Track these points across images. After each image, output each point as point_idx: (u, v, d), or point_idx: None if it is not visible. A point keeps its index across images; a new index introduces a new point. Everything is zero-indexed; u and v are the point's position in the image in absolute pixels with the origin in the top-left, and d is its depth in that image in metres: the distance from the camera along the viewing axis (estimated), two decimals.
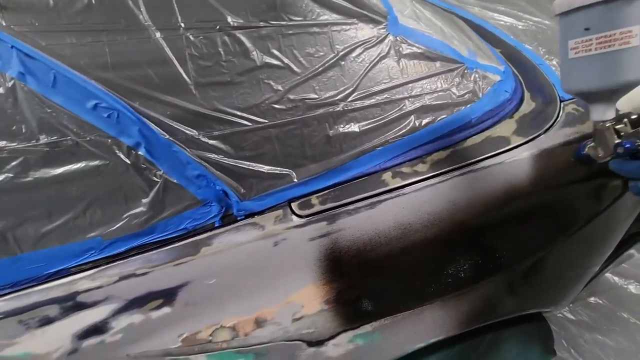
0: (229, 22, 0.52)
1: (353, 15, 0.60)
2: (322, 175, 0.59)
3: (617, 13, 0.42)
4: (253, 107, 0.54)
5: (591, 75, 0.46)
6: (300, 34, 0.56)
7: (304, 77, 0.56)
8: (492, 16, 1.10)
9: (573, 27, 0.45)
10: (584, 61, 0.45)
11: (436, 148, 0.64)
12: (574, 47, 0.46)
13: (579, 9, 0.43)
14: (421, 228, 0.62)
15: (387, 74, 0.62)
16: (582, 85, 0.48)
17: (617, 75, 0.45)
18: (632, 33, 0.43)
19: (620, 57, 0.44)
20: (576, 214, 0.72)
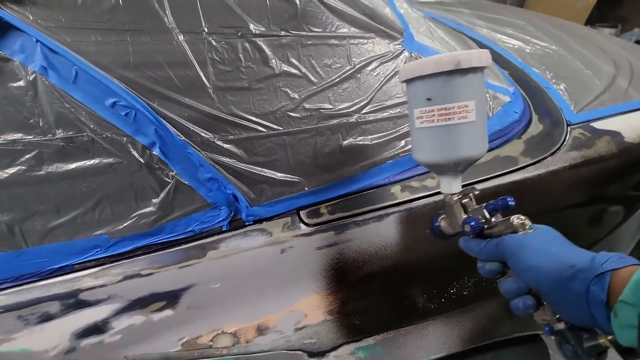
0: (250, 29, 0.52)
1: (371, 30, 0.61)
2: (332, 185, 0.59)
3: (453, 86, 0.41)
4: (269, 113, 0.54)
5: (435, 147, 0.44)
6: (319, 45, 0.57)
7: (320, 87, 0.57)
8: (501, 38, 1.12)
9: (417, 95, 0.43)
10: (428, 132, 0.44)
11: None
12: (419, 117, 0.44)
13: (421, 77, 0.42)
14: (426, 243, 0.62)
15: (401, 88, 0.63)
16: (427, 157, 0.46)
17: (456, 150, 0.43)
18: (468, 108, 0.41)
19: (460, 132, 0.42)
20: (578, 238, 0.72)
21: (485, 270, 0.44)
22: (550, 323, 0.39)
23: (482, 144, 0.44)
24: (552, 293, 0.36)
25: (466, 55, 0.40)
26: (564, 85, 0.86)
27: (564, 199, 0.70)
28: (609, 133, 0.73)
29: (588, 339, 0.36)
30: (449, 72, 0.40)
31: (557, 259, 0.36)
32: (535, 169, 0.66)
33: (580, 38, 1.13)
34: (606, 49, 1.05)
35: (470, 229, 0.44)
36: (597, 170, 0.70)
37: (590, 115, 0.77)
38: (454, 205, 0.47)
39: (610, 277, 0.33)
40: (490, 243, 0.43)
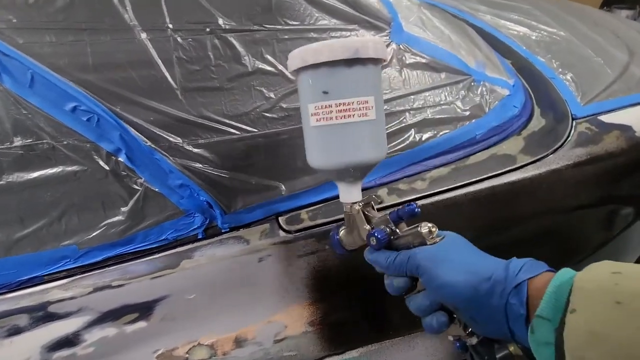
0: (220, 24, 0.49)
1: (354, 21, 0.57)
2: (313, 189, 0.56)
3: (353, 78, 0.36)
4: (243, 115, 0.51)
5: (333, 149, 0.39)
6: (296, 39, 0.53)
7: (292, 88, 0.53)
8: (505, 25, 1.06)
9: (312, 88, 0.38)
10: (325, 132, 0.38)
11: (436, 165, 0.60)
12: (314, 113, 0.38)
13: (316, 66, 0.36)
14: None
15: (388, 84, 0.58)
16: (324, 161, 0.40)
17: (357, 152, 0.39)
18: (368, 104, 0.37)
19: (360, 131, 0.38)
20: (584, 241, 0.67)
21: (394, 287, 0.40)
22: (462, 338, 0.37)
23: (383, 146, 0.41)
24: (468, 309, 0.34)
25: (363, 42, 0.36)
26: (570, 74, 0.80)
27: (567, 199, 0.65)
28: (618, 127, 0.68)
29: (499, 349, 0.34)
30: (348, 62, 0.36)
31: (472, 272, 0.34)
32: (536, 167, 0.61)
33: (592, 23, 1.05)
34: (620, 34, 0.98)
35: (376, 242, 0.40)
36: (605, 168, 0.65)
37: (599, 107, 0.71)
38: (355, 215, 0.43)
39: (527, 287, 0.31)
40: (400, 257, 0.39)
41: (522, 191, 0.61)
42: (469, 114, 0.62)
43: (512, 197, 0.62)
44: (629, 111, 0.71)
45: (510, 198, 0.62)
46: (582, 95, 0.74)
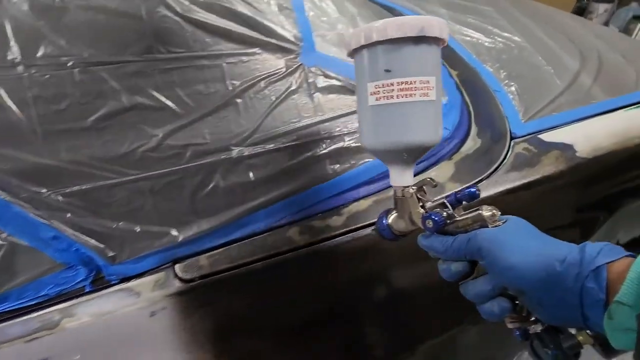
0: (85, 57, 0.43)
1: (254, 44, 0.51)
2: (213, 232, 0.50)
3: (418, 57, 0.36)
4: (120, 157, 0.45)
5: (392, 128, 0.38)
6: (183, 69, 0.47)
7: (189, 119, 0.48)
8: (460, 30, 1.00)
9: (373, 66, 0.37)
10: (383, 111, 0.38)
11: (355, 197, 0.55)
12: (374, 92, 0.37)
13: (379, 43, 0.36)
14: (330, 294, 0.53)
15: (297, 112, 0.53)
16: (380, 141, 0.39)
17: (415, 133, 0.38)
18: (430, 84, 0.36)
19: (420, 111, 0.37)
20: None
21: (451, 273, 0.38)
22: (525, 325, 0.36)
23: (440, 128, 0.40)
24: (537, 293, 0.32)
25: (429, 21, 0.35)
26: (515, 86, 0.75)
27: None
28: (559, 146, 0.63)
29: (565, 338, 0.33)
30: (415, 40, 0.35)
31: (542, 254, 0.32)
32: None
33: (550, 26, 1.01)
34: (576, 38, 0.93)
35: (433, 225, 0.38)
36: (541, 193, 0.60)
37: (540, 124, 0.66)
38: (408, 199, 0.42)
39: (606, 272, 0.29)
40: (459, 240, 0.37)
41: None
42: None
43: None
44: (572, 128, 0.66)
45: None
46: (524, 111, 0.69)
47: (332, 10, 0.68)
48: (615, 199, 0.67)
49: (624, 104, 0.70)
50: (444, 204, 0.39)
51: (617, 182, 0.65)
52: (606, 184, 0.65)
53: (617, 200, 0.67)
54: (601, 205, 0.66)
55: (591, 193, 0.64)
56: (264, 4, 0.53)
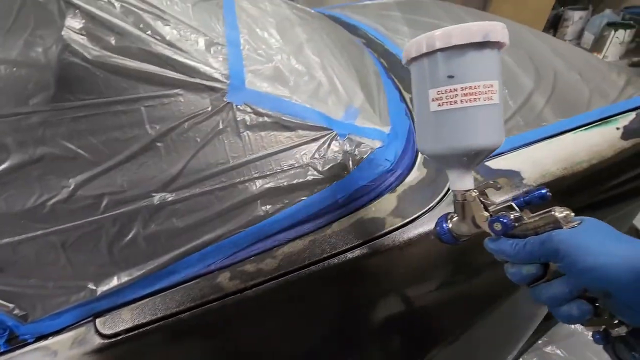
0: None
1: (175, 85, 0.49)
2: (136, 283, 0.48)
3: (482, 61, 0.36)
4: (26, 211, 0.43)
5: (455, 133, 0.39)
6: (96, 116, 0.45)
7: (103, 167, 0.46)
8: None
9: (435, 73, 0.38)
10: (445, 116, 0.38)
11: (289, 238, 0.53)
12: (436, 98, 0.38)
13: (443, 50, 0.37)
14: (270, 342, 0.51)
15: (225, 152, 0.51)
16: (442, 146, 0.40)
17: (479, 136, 0.38)
18: (493, 88, 0.37)
19: (484, 115, 0.38)
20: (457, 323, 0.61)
21: (523, 276, 0.37)
22: (607, 328, 0.34)
23: (503, 131, 0.40)
24: (625, 295, 0.31)
25: (493, 26, 0.36)
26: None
27: (444, 267, 0.58)
28: (506, 174, 0.61)
29: None
30: (479, 45, 0.36)
31: (630, 255, 0.31)
32: (405, 232, 0.54)
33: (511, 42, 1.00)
34: (535, 56, 0.92)
35: (501, 228, 0.38)
36: None
37: None
38: (471, 203, 0.42)
39: None
40: (532, 242, 0.36)
41: (391, 261, 0.55)
42: (330, 175, 0.55)
43: (382, 269, 0.55)
44: (520, 153, 0.65)
45: (380, 270, 0.55)
46: None
47: (274, 40, 0.67)
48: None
49: (573, 126, 0.68)
50: (511, 206, 0.39)
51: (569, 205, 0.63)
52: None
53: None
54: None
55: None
56: (188, 43, 0.52)
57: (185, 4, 0.59)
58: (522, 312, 0.71)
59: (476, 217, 0.42)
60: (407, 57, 0.40)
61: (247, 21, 0.68)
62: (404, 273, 0.56)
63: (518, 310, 0.70)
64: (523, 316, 0.73)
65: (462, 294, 0.61)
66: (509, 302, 0.66)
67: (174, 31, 0.52)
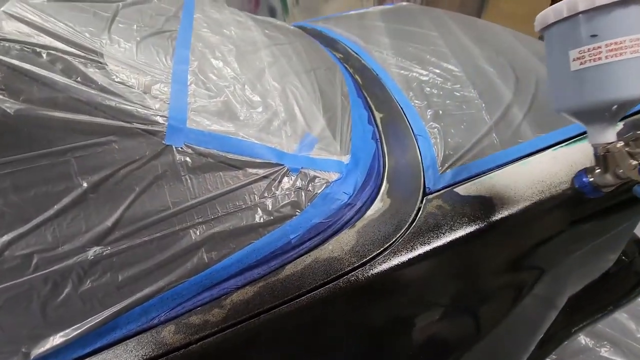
0: None
1: (108, 132, 0.47)
2: (74, 343, 0.46)
3: (626, 17, 0.39)
4: None
5: (599, 88, 0.42)
6: (21, 171, 0.44)
7: (31, 225, 0.44)
8: (397, 62, 0.96)
9: (576, 34, 0.42)
10: (590, 72, 0.42)
11: (238, 285, 0.50)
12: (578, 57, 0.42)
13: (585, 12, 0.40)
14: None
15: (166, 199, 0.49)
16: (586, 100, 0.43)
17: (626, 88, 0.41)
18: (639, 41, 0.39)
19: (631, 67, 0.40)
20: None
21: None
22: None
23: None
24: None
25: None
26: (438, 127, 0.69)
27: (411, 306, 0.54)
28: (476, 200, 0.57)
29: None
30: (624, 2, 0.39)
31: None
32: (363, 271, 0.51)
33: (494, 49, 0.95)
34: (517, 63, 0.87)
35: None
36: (458, 258, 0.54)
37: (458, 174, 0.61)
38: (615, 154, 0.46)
39: None
40: None
41: (353, 303, 0.51)
42: (280, 214, 0.52)
43: (342, 312, 0.51)
44: (494, 176, 0.60)
45: (339, 314, 0.51)
46: (444, 158, 0.63)
47: (229, 70, 0.65)
48: (548, 254, 0.60)
49: (553, 142, 0.63)
50: None
51: (547, 236, 0.58)
52: (534, 240, 0.58)
53: (551, 255, 0.60)
54: (533, 264, 0.59)
55: (517, 252, 0.57)
56: (122, 86, 0.50)
57: (129, 43, 0.57)
58: (508, 343, 0.66)
59: (622, 167, 0.45)
60: (543, 24, 0.44)
61: (202, 51, 0.66)
62: (365, 315, 0.52)
63: (503, 342, 0.65)
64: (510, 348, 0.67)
65: (432, 332, 0.56)
66: (491, 335, 0.61)
67: (110, 75, 0.50)
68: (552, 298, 0.65)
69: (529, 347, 0.70)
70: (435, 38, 1.07)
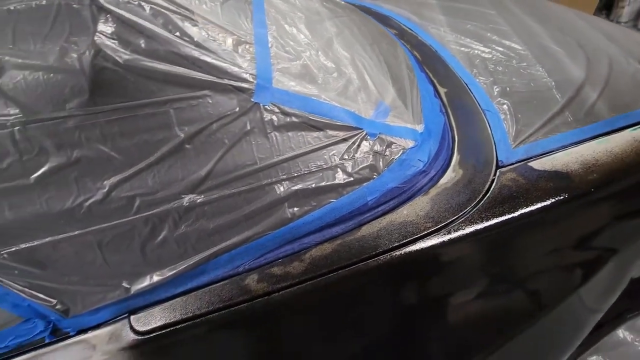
0: (23, 115, 0.43)
1: (203, 87, 0.49)
2: (168, 282, 0.49)
3: None
4: (65, 212, 0.45)
5: None
6: (126, 118, 0.46)
7: (135, 169, 0.47)
8: (456, 39, 0.94)
9: None
10: None
11: (317, 241, 0.52)
12: None
13: None
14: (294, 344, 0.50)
15: (253, 154, 0.51)
16: None
17: None
18: None
19: None
20: (508, 324, 0.57)
21: None
22: None
23: None
24: None
25: None
26: (507, 104, 0.68)
27: (482, 275, 0.55)
28: (551, 175, 0.57)
29: None
30: None
31: None
32: (439, 236, 0.52)
33: (558, 29, 0.92)
34: (586, 43, 0.84)
35: None
36: (530, 230, 0.54)
37: (532, 149, 0.60)
38: None
39: None
40: None
41: (424, 267, 0.52)
42: (359, 177, 0.53)
43: (414, 275, 0.53)
44: (569, 153, 0.59)
45: (412, 276, 0.53)
46: (516, 133, 0.63)
47: (303, 36, 0.65)
48: (620, 233, 0.59)
49: (630, 123, 0.62)
50: None
51: (622, 214, 0.58)
52: (608, 217, 0.57)
53: (623, 234, 0.59)
54: (605, 241, 0.59)
55: (590, 228, 0.57)
56: (216, 43, 0.51)
57: (214, 3, 0.58)
58: (569, 322, 0.66)
59: None
60: None
61: (276, 17, 0.66)
62: (437, 280, 0.54)
63: (565, 321, 0.65)
64: (570, 328, 0.68)
65: (501, 304, 0.57)
66: (555, 312, 0.61)
67: (202, 32, 0.51)
68: (617, 279, 0.65)
69: (587, 329, 0.70)
70: (494, 16, 1.04)
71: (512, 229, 0.53)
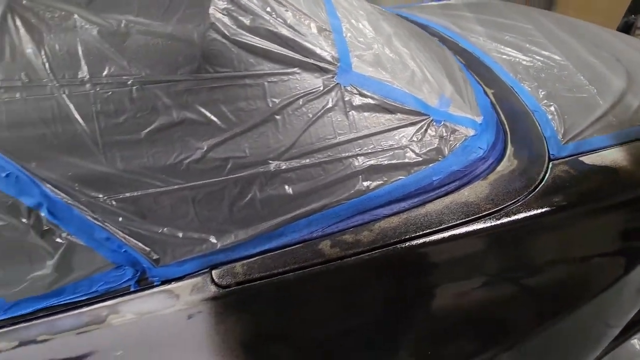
0: (141, 76, 0.47)
1: (293, 64, 0.54)
2: (249, 241, 0.53)
3: None
4: (167, 167, 0.49)
5: None
6: (227, 87, 0.51)
7: (230, 133, 0.51)
8: (497, 48, 1.00)
9: None
10: None
11: (386, 214, 0.56)
12: None
13: None
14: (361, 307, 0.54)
15: (332, 129, 0.55)
16: None
17: None
18: None
19: None
20: (552, 303, 0.60)
21: None
22: None
23: None
24: None
25: None
26: (555, 106, 0.73)
27: (536, 255, 0.58)
28: (601, 169, 0.61)
29: None
30: None
31: None
32: (498, 217, 0.56)
33: (593, 44, 0.98)
34: (622, 57, 0.90)
35: None
36: (582, 218, 0.58)
37: (581, 146, 0.65)
38: None
39: None
40: None
41: (483, 244, 0.56)
42: (426, 158, 0.57)
43: (472, 251, 0.56)
44: (617, 150, 0.64)
45: (470, 251, 0.56)
46: (565, 131, 0.67)
47: (368, 31, 0.70)
48: None
49: None
50: None
51: None
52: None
53: None
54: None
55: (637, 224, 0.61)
56: (304, 27, 0.56)
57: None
58: (594, 326, 0.70)
59: None
60: None
61: (344, 12, 0.72)
62: (494, 259, 0.57)
63: (591, 324, 0.69)
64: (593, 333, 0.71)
65: (548, 290, 0.61)
66: (588, 307, 0.64)
67: (292, 16, 0.56)
68: None
69: (617, 329, 0.73)
70: (530, 30, 1.09)
71: (564, 216, 0.57)
